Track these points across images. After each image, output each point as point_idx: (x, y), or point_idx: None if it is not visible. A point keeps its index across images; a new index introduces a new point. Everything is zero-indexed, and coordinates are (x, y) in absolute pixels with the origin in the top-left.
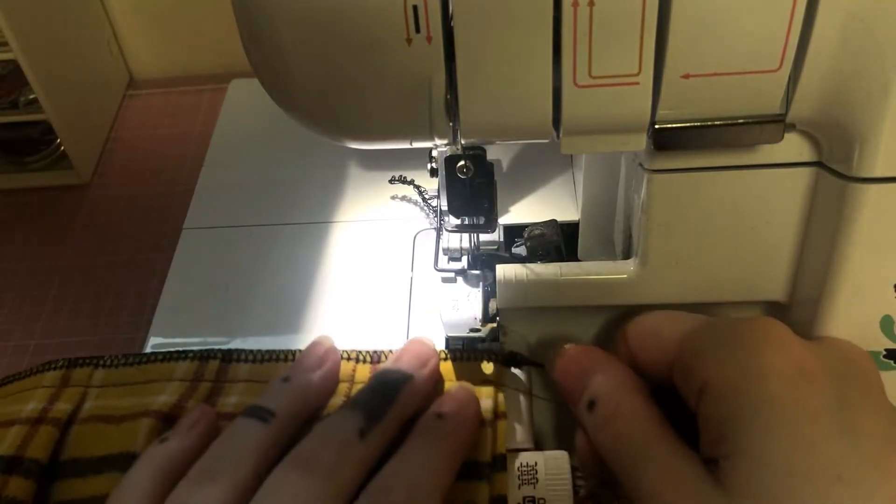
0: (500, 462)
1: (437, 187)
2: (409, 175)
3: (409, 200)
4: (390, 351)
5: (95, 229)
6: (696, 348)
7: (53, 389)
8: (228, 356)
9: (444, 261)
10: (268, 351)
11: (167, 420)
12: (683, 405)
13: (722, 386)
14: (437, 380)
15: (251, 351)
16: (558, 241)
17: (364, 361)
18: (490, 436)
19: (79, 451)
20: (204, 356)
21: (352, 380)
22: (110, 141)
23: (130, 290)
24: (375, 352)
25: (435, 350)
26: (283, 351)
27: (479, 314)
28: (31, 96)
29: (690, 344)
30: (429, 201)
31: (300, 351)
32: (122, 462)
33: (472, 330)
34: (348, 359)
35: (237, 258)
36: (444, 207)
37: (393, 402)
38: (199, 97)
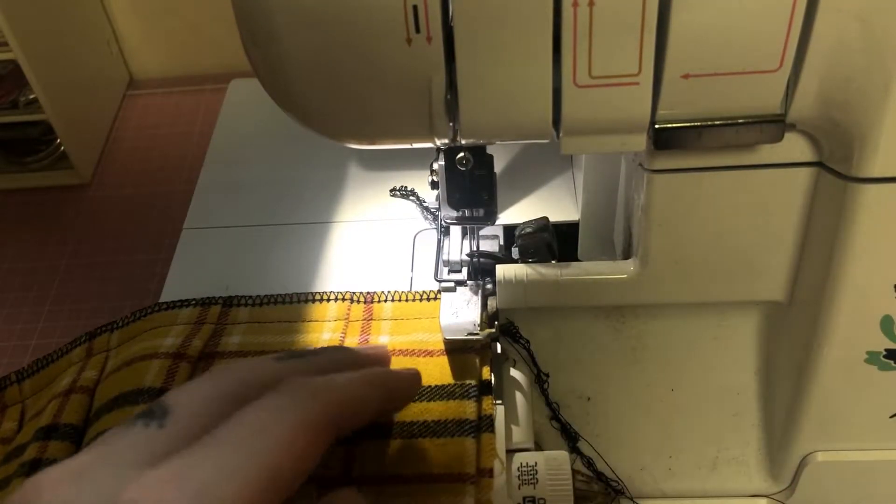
0: (486, 472)
1: (437, 199)
2: (410, 179)
3: (410, 200)
4: (383, 292)
5: (95, 229)
6: None
7: (81, 363)
8: (229, 301)
9: (444, 272)
10: (267, 295)
11: (175, 358)
12: None
13: None
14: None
15: (251, 296)
16: (549, 239)
17: (358, 302)
18: (473, 448)
19: (99, 402)
20: (206, 303)
21: (347, 317)
22: (110, 141)
23: (130, 290)
24: (369, 293)
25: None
26: (281, 294)
27: (477, 320)
28: (31, 96)
29: None
30: (431, 211)
31: (297, 295)
32: (134, 397)
33: (471, 334)
34: (342, 299)
35: (237, 258)
36: (445, 222)
37: (318, 353)
38: (199, 97)
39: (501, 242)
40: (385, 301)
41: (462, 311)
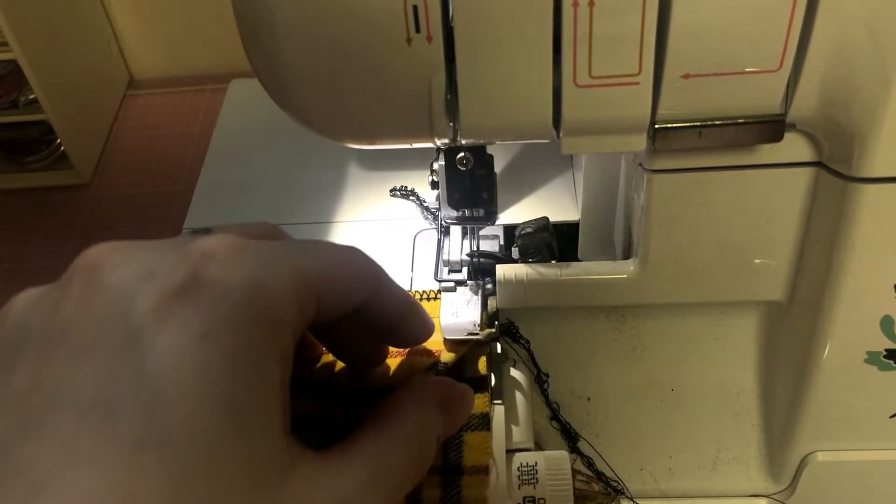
0: (478, 470)
1: (436, 199)
2: (410, 179)
3: (410, 200)
4: None
5: (95, 229)
6: None
7: None
8: None
9: (444, 272)
10: None
11: None
12: None
13: None
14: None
15: None
16: (549, 239)
17: None
18: (479, 441)
19: None
20: None
21: None
22: (110, 141)
23: None
24: None
25: None
26: None
27: (477, 320)
28: (31, 96)
29: None
30: (431, 211)
31: None
32: None
33: (471, 334)
34: None
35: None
36: (445, 222)
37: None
38: (199, 97)
39: (501, 242)
40: None
41: (462, 311)
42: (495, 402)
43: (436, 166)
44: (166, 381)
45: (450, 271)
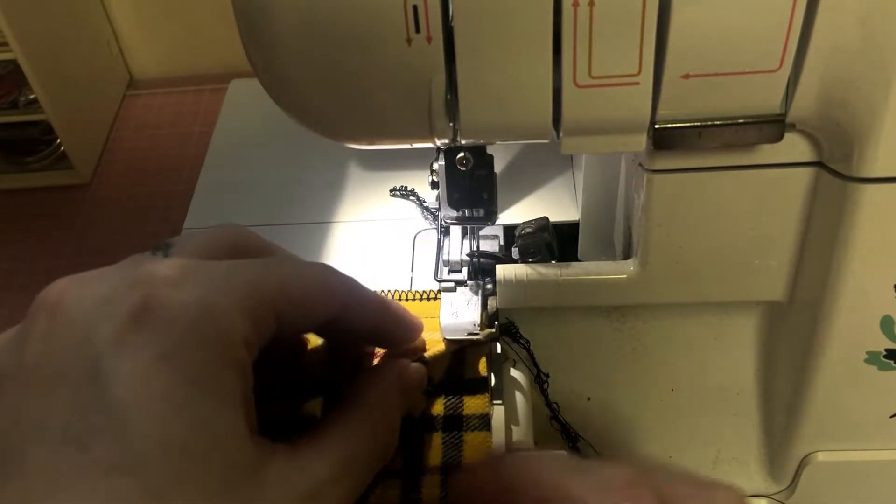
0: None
1: (436, 199)
2: (410, 179)
3: (410, 200)
4: (383, 292)
5: (95, 229)
6: None
7: None
8: None
9: (444, 272)
10: None
11: None
12: None
13: None
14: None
15: None
16: (549, 239)
17: None
18: (479, 441)
19: None
20: None
21: None
22: (110, 141)
23: None
24: None
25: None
26: None
27: (477, 320)
28: (31, 96)
29: None
30: (431, 211)
31: None
32: None
33: (471, 334)
34: None
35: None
36: (445, 222)
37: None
38: (199, 97)
39: (501, 242)
40: None
41: (462, 311)
42: (495, 402)
43: (436, 166)
44: (131, 405)
45: (450, 271)
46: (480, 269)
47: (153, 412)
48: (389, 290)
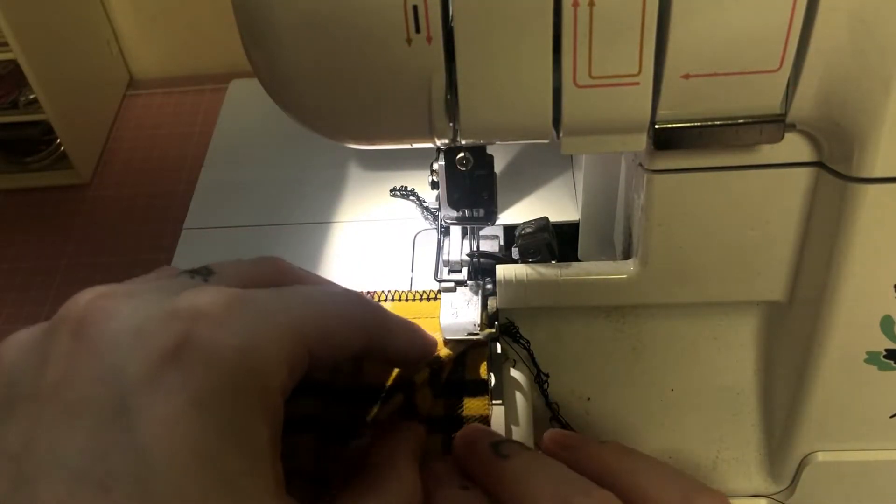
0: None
1: (436, 199)
2: (410, 179)
3: (410, 200)
4: (383, 292)
5: (95, 229)
6: None
7: None
8: None
9: (444, 272)
10: None
11: None
12: None
13: None
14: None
15: None
16: (549, 239)
17: None
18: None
19: None
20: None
21: None
22: (110, 141)
23: None
24: (369, 293)
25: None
26: None
27: (477, 320)
28: (31, 96)
29: None
30: (431, 211)
31: None
32: None
33: (471, 334)
34: None
35: (237, 258)
36: (445, 222)
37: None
38: (199, 97)
39: (501, 242)
40: (385, 301)
41: (462, 311)
42: (495, 402)
43: (436, 166)
44: (157, 451)
45: (450, 271)
46: (480, 269)
47: (180, 463)
48: (389, 291)
